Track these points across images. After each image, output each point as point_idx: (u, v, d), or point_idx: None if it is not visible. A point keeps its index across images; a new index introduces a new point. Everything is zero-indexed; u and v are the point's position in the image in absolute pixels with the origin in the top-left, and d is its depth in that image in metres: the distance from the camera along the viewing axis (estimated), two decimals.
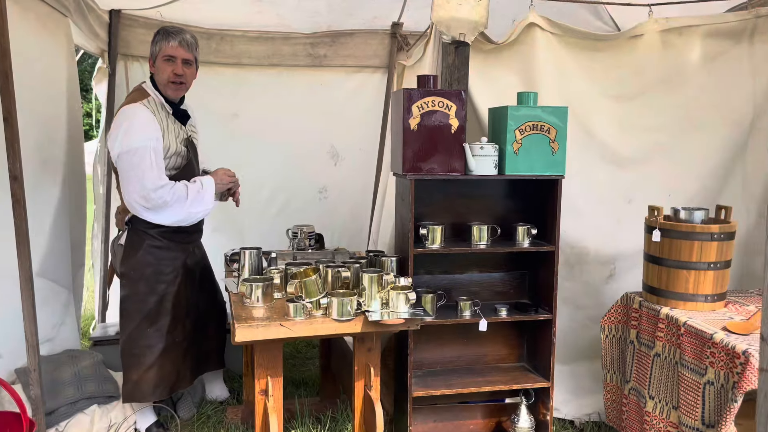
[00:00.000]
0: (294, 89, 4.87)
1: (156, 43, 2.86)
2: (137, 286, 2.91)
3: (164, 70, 2.85)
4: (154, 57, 2.87)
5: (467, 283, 3.10)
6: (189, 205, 2.84)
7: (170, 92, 2.90)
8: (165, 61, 2.85)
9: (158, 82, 2.88)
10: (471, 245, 2.87)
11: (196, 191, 2.87)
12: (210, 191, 2.92)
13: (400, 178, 2.85)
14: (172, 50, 2.84)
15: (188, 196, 2.84)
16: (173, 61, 2.84)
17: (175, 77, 2.86)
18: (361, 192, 5.17)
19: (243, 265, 2.81)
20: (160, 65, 2.86)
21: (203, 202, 2.89)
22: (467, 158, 2.73)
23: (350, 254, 2.94)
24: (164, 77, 2.86)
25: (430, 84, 2.73)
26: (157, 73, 2.87)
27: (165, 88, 2.88)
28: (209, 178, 2.95)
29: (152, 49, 2.88)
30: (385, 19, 4.75)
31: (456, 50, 3.03)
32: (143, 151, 2.75)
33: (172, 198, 2.79)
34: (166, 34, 2.85)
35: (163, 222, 2.85)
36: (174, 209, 2.82)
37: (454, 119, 2.71)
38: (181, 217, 2.86)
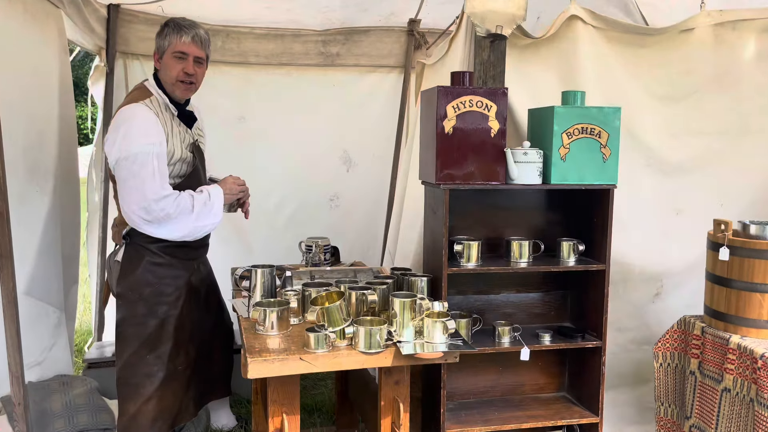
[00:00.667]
0: (304, 90, 4.56)
1: (165, 37, 2.54)
2: (135, 307, 2.60)
3: (173, 67, 2.54)
4: (161, 52, 2.56)
5: (502, 304, 2.79)
6: (195, 218, 2.53)
7: (178, 92, 2.59)
8: (175, 58, 2.53)
9: (164, 80, 2.57)
10: (510, 263, 2.56)
11: (203, 202, 2.55)
12: (218, 202, 2.61)
13: (431, 188, 2.53)
14: (184, 46, 2.53)
15: (194, 207, 2.52)
16: (184, 58, 2.54)
17: (185, 76, 2.56)
18: (375, 200, 4.86)
19: (254, 286, 2.50)
20: (168, 62, 2.54)
21: (211, 214, 2.58)
22: (509, 165, 2.42)
23: (373, 272, 2.64)
24: (172, 75, 2.55)
25: (465, 81, 2.42)
26: (163, 70, 2.56)
27: (172, 87, 2.57)
28: (217, 187, 2.64)
29: (159, 43, 2.56)
30: (402, 15, 4.45)
31: (491, 45, 2.72)
32: (144, 157, 2.44)
33: (176, 210, 2.48)
34: (178, 28, 2.54)
35: (166, 237, 2.54)
36: (178, 223, 2.51)
37: (494, 121, 2.40)
38: (186, 231, 2.54)
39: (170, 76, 2.55)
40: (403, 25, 4.56)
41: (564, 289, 2.82)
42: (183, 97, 2.63)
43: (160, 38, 2.56)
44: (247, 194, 2.83)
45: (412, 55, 4.63)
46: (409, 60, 4.64)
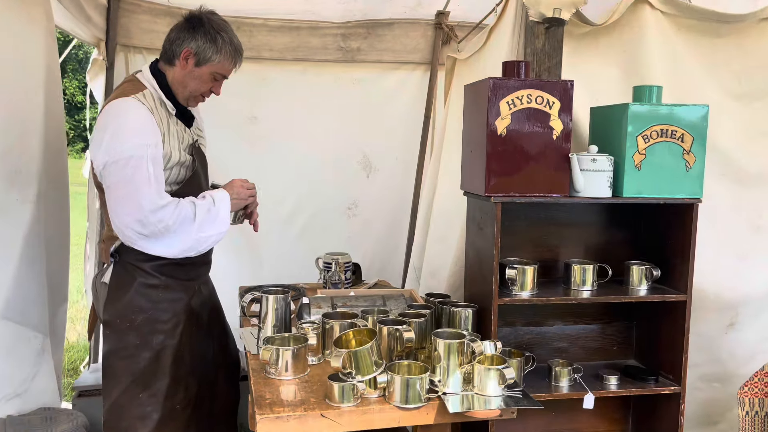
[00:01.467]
0: (322, 88, 4.16)
1: (219, 51, 2.14)
2: (126, 338, 2.20)
3: (204, 83, 2.19)
4: (200, 60, 2.15)
5: (555, 337, 2.37)
6: (198, 228, 2.13)
7: (193, 103, 2.26)
8: (214, 77, 2.19)
9: (185, 86, 2.19)
10: (570, 291, 2.14)
11: (206, 209, 2.16)
12: (224, 209, 2.21)
13: (478, 200, 2.12)
14: (229, 72, 2.22)
15: (196, 216, 2.13)
16: (219, 80, 2.22)
17: (209, 94, 2.25)
18: (397, 209, 4.45)
19: (265, 314, 2.10)
20: (202, 76, 2.17)
21: (216, 223, 2.18)
22: (573, 174, 2.01)
23: (405, 299, 2.23)
24: (201, 90, 2.20)
25: (521, 72, 2.01)
26: (188, 76, 2.17)
27: (186, 96, 2.21)
28: (222, 191, 2.24)
29: (206, 49, 2.13)
30: (429, 7, 4.06)
31: (547, 32, 2.31)
32: (138, 160, 2.04)
33: (176, 220, 2.08)
34: (237, 54, 2.20)
35: (165, 253, 2.15)
36: (178, 235, 2.11)
37: (557, 121, 1.98)
38: (188, 245, 2.15)
39: (198, 89, 2.20)
40: (430, 18, 4.16)
41: (628, 320, 2.40)
42: (190, 106, 2.28)
43: (208, 45, 2.14)
44: (255, 202, 2.43)
45: (439, 50, 4.23)
46: (436, 56, 4.23)
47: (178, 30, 2.16)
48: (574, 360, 2.34)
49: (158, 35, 3.82)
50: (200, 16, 2.16)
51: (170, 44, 2.17)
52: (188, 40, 2.15)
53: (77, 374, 4.28)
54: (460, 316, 2.05)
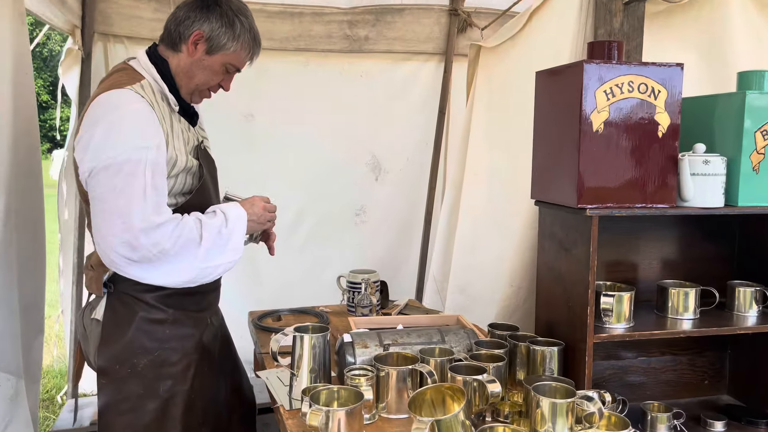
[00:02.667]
0: (326, 81, 3.75)
1: (236, 38, 1.71)
2: (126, 387, 1.76)
3: (217, 76, 1.79)
4: (214, 48, 1.72)
5: (633, 369, 2.00)
6: (204, 254, 1.69)
7: (197, 99, 1.85)
8: (226, 68, 1.79)
9: (192, 76, 1.76)
10: (666, 318, 1.78)
11: (216, 231, 1.72)
12: (239, 231, 1.77)
13: (561, 213, 1.73)
14: (243, 64, 1.81)
15: (203, 239, 1.68)
16: (231, 72, 1.82)
17: (217, 89, 1.85)
18: (408, 215, 4.06)
19: (299, 358, 1.69)
20: (217, 68, 1.76)
21: (227, 249, 1.74)
22: (682, 179, 1.64)
23: (466, 332, 1.82)
24: (210, 83, 1.80)
25: (614, 55, 1.63)
26: (198, 65, 1.74)
27: (191, 91, 1.80)
28: (238, 207, 1.82)
29: (218, 34, 1.70)
30: None
31: (626, 8, 1.93)
32: (134, 166, 1.61)
33: (175, 244, 1.63)
34: (255, 43, 1.79)
35: (161, 283, 1.70)
36: (178, 262, 1.66)
37: (663, 114, 1.61)
38: (191, 275, 1.70)
39: (206, 81, 1.78)
40: (444, 4, 3.78)
41: (721, 349, 2.04)
42: (196, 103, 1.87)
43: (224, 30, 1.71)
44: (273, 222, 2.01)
45: (455, 39, 3.85)
46: (451, 45, 3.85)
47: (188, 8, 1.74)
48: (659, 397, 1.98)
49: (141, 22, 3.37)
50: None
51: (177, 25, 1.74)
52: (200, 21, 1.72)
53: (54, 405, 3.81)
54: (544, 355, 1.66)
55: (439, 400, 1.39)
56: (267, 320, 2.42)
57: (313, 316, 2.46)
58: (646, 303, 1.92)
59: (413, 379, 1.61)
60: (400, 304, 2.58)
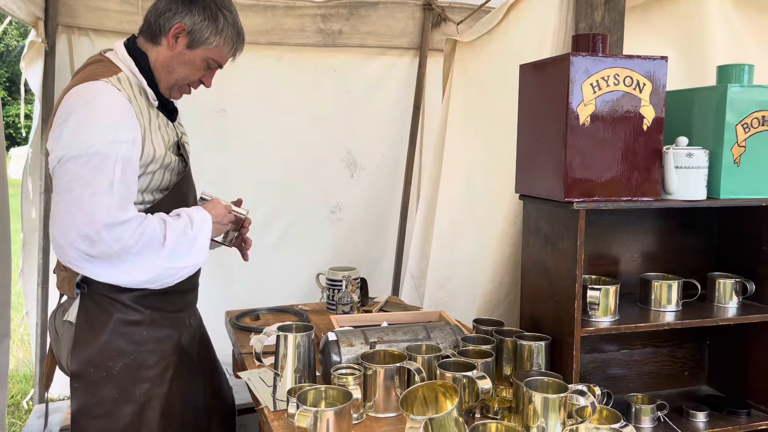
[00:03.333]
0: (299, 76, 3.70)
1: (219, 32, 1.66)
2: (101, 391, 1.70)
3: (198, 72, 1.73)
4: (195, 42, 1.65)
5: (615, 362, 2.01)
6: (168, 255, 1.61)
7: (176, 95, 1.78)
8: (206, 63, 1.72)
9: (171, 71, 1.69)
10: (650, 311, 1.79)
11: (181, 231, 1.64)
12: (204, 233, 1.71)
13: (547, 207, 1.73)
14: (225, 60, 1.76)
15: (166, 239, 1.61)
16: (213, 68, 1.76)
17: (197, 85, 1.78)
18: (384, 211, 4.03)
19: (283, 357, 1.65)
20: (198, 63, 1.70)
21: (192, 251, 1.66)
22: (666, 173, 1.64)
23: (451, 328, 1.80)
24: (191, 78, 1.73)
25: (598, 48, 1.62)
26: (178, 59, 1.67)
27: (171, 86, 1.73)
28: (202, 211, 1.75)
29: (200, 28, 1.63)
30: None
31: (607, 2, 1.93)
32: (102, 159, 1.54)
33: (138, 242, 1.56)
34: (239, 38, 1.74)
35: (119, 282, 1.62)
36: (140, 261, 1.58)
37: (648, 107, 1.61)
38: (151, 275, 1.62)
39: (187, 77, 1.72)
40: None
41: (700, 340, 2.06)
42: (175, 99, 1.80)
43: (207, 23, 1.64)
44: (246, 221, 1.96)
45: (429, 33, 3.83)
46: (425, 40, 3.84)
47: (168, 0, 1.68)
48: (640, 389, 2.00)
49: (108, 14, 3.27)
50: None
51: (157, 17, 1.68)
52: (181, 13, 1.66)
53: (19, 411, 3.68)
54: (531, 350, 1.65)
55: (431, 397, 1.37)
56: (245, 320, 2.37)
57: (292, 315, 2.42)
58: (628, 296, 1.92)
59: (401, 376, 1.58)
60: (381, 301, 2.55)
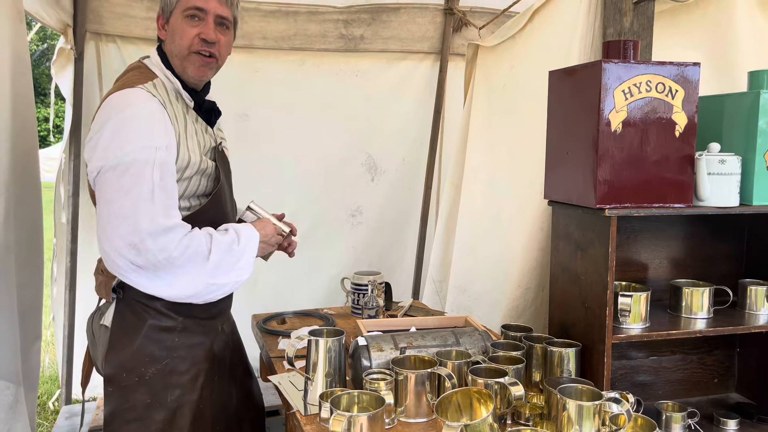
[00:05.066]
0: (321, 81, 3.73)
1: None
2: (134, 396, 1.73)
3: (185, 33, 1.66)
4: (167, 13, 1.67)
5: (645, 368, 2.01)
6: (212, 270, 1.63)
7: (191, 70, 1.70)
8: (187, 18, 1.66)
9: (172, 53, 1.69)
10: (680, 318, 1.78)
11: (227, 247, 1.66)
12: (250, 251, 1.73)
13: (578, 213, 1.73)
14: (200, 1, 1.66)
15: (211, 254, 1.63)
16: (201, 18, 1.67)
17: (202, 45, 1.67)
18: (404, 215, 4.05)
19: (315, 363, 1.66)
20: (178, 26, 1.67)
21: (236, 267, 1.68)
22: (699, 179, 1.64)
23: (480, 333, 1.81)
24: (183, 45, 1.67)
25: (629, 55, 1.62)
26: (171, 38, 1.68)
27: (183, 63, 1.69)
28: (251, 228, 1.77)
29: (165, 1, 1.68)
30: None
31: (635, 7, 1.93)
32: (140, 167, 1.57)
33: (183, 253, 1.59)
34: None
35: (163, 294, 1.65)
36: (183, 274, 1.61)
37: (680, 113, 1.61)
38: (195, 289, 1.64)
39: (180, 45, 1.67)
40: (439, 2, 3.77)
41: (730, 347, 2.05)
42: (198, 77, 1.73)
43: None
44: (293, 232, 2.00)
45: (450, 38, 3.84)
46: (447, 44, 3.85)
47: None
48: (669, 396, 1.99)
49: (134, 21, 3.31)
50: None
51: None
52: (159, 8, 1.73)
53: (45, 412, 3.73)
54: (561, 357, 1.66)
55: (466, 403, 1.38)
56: (272, 323, 2.39)
57: (318, 319, 2.43)
58: (657, 302, 1.92)
59: (432, 382, 1.59)
60: (405, 306, 2.56)
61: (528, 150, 2.58)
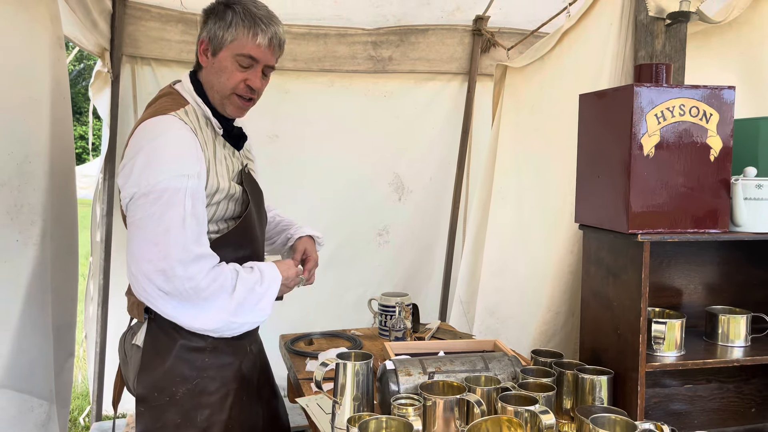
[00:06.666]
0: (350, 102, 3.77)
1: (229, 27, 1.67)
2: (164, 415, 1.74)
3: (232, 75, 1.70)
4: (216, 46, 1.70)
5: (679, 397, 1.96)
6: (235, 308, 1.65)
7: (232, 110, 1.76)
8: (239, 62, 1.69)
9: (211, 85, 1.73)
10: (716, 346, 1.74)
11: (250, 288, 1.68)
12: (271, 292, 1.72)
13: (609, 238, 1.70)
14: (256, 50, 1.68)
15: (236, 290, 1.64)
16: (252, 66, 1.71)
17: (245, 90, 1.72)
18: (431, 235, 4.03)
19: (342, 385, 1.66)
20: (226, 65, 1.70)
21: (257, 307, 1.70)
22: (735, 204, 1.61)
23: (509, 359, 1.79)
24: (228, 86, 1.71)
25: (662, 78, 1.61)
26: (214, 72, 1.71)
27: (223, 100, 1.74)
28: (274, 269, 1.79)
29: (216, 32, 1.69)
30: (469, 11, 3.68)
31: (667, 29, 1.92)
32: (173, 194, 1.59)
33: (209, 286, 1.60)
34: (253, 21, 1.67)
35: (187, 324, 1.66)
36: (207, 308, 1.62)
37: (715, 137, 1.58)
38: (217, 324, 1.66)
39: (225, 85, 1.71)
40: (467, 24, 3.78)
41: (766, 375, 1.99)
42: (235, 115, 1.80)
43: (218, 24, 1.69)
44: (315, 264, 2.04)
45: (478, 58, 3.85)
46: (475, 65, 3.85)
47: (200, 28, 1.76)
48: (705, 426, 1.94)
49: (169, 44, 3.39)
50: (214, 4, 1.74)
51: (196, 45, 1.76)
52: (203, 30, 1.72)
53: (76, 428, 3.78)
54: (593, 384, 1.63)
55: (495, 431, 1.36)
56: (299, 344, 2.39)
57: (345, 340, 2.43)
58: (691, 329, 1.87)
59: (461, 408, 1.57)
60: (432, 328, 2.55)
61: (557, 171, 2.56)
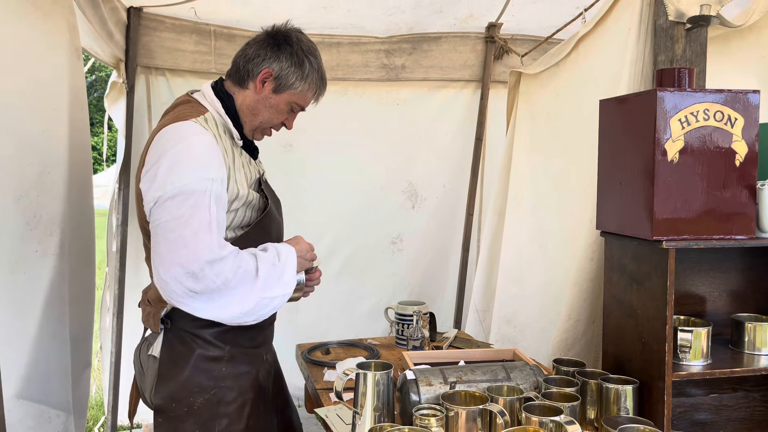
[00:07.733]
0: (363, 110, 3.77)
1: (305, 78, 1.74)
2: (183, 426, 1.73)
3: (279, 115, 1.80)
4: (281, 87, 1.74)
5: (705, 406, 1.92)
6: (262, 286, 1.65)
7: (257, 136, 1.85)
8: (291, 107, 1.80)
9: (256, 114, 1.78)
10: (743, 354, 1.71)
11: (271, 264, 1.68)
12: (291, 266, 1.73)
13: (633, 245, 1.68)
14: (307, 104, 1.82)
15: (259, 271, 1.66)
16: (295, 112, 1.84)
17: (279, 128, 1.85)
18: (445, 243, 4.01)
19: (363, 395, 1.64)
20: (280, 105, 1.77)
21: (281, 281, 1.70)
22: (761, 210, 1.58)
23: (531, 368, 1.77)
24: (275, 122, 1.81)
25: (685, 83, 1.58)
26: (263, 103, 1.76)
27: (255, 128, 1.81)
28: (287, 246, 1.79)
29: (287, 74, 1.72)
30: (482, 18, 3.67)
31: (688, 34, 1.89)
32: (200, 198, 1.59)
33: (236, 275, 1.61)
34: (322, 83, 1.80)
35: (219, 317, 1.66)
36: (237, 294, 1.63)
37: (740, 142, 1.56)
38: (249, 306, 1.66)
39: (267, 119, 1.79)
40: (479, 31, 3.77)
41: None
42: (257, 140, 1.87)
43: (293, 69, 1.72)
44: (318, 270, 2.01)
45: (491, 66, 3.83)
46: (488, 72, 3.84)
47: (258, 46, 1.74)
48: None
49: (183, 55, 3.41)
50: (288, 34, 1.74)
51: (246, 62, 1.74)
52: (270, 59, 1.72)
53: None
54: (618, 394, 1.60)
55: None
56: (316, 353, 2.38)
57: (362, 349, 2.41)
58: (716, 337, 1.84)
59: (483, 419, 1.55)
60: (450, 337, 2.52)
61: (574, 178, 2.54)
